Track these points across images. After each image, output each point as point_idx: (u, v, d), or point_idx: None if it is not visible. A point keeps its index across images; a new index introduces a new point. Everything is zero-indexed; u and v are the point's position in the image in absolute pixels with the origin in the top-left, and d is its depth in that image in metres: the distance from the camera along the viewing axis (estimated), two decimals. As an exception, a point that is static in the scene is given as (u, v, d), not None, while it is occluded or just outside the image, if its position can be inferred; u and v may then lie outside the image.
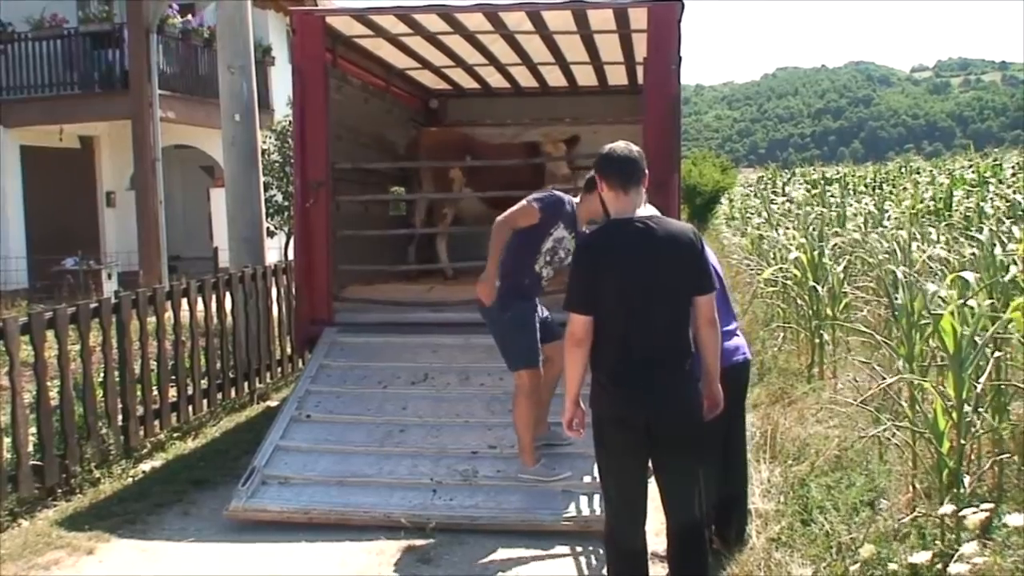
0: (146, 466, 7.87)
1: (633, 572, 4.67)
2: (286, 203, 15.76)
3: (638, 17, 8.56)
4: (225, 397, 9.45)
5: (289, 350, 10.89)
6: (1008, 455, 6.13)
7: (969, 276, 7.20)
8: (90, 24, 18.94)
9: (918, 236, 11.61)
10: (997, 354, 6.02)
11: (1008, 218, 16.89)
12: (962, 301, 5.96)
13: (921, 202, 20.30)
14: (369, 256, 9.82)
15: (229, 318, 9.63)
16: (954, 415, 5.73)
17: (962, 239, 12.31)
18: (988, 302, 6.11)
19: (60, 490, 7.08)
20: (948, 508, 4.74)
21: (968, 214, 18.43)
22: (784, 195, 22.78)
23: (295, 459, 6.96)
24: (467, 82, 12.31)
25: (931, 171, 28.70)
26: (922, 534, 5.54)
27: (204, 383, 9.11)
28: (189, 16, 19.50)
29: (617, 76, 11.86)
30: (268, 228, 14.09)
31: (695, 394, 4.56)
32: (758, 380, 9.97)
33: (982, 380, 5.82)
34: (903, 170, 30.02)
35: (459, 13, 8.65)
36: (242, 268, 10.10)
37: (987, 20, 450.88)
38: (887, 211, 18.15)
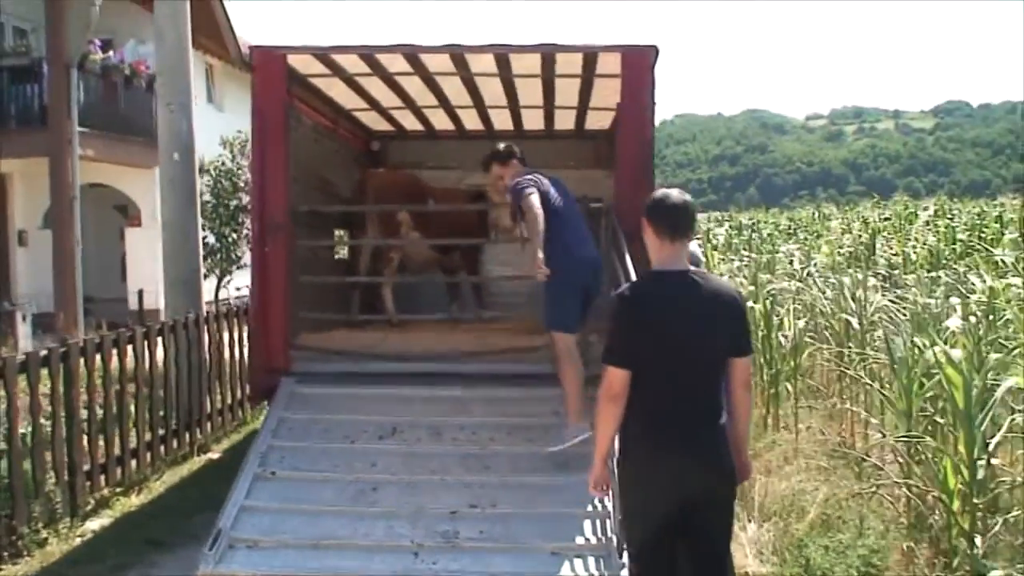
0: (93, 524, 7.44)
1: None
2: (218, 245, 15.31)
3: (608, 62, 8.40)
4: (168, 450, 8.98)
5: (230, 400, 10.47)
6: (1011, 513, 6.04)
7: (955, 323, 7.17)
8: (7, 58, 18.24)
9: (848, 283, 11.63)
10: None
11: (935, 266, 17.22)
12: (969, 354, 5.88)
13: (840, 248, 20.60)
14: (317, 302, 9.44)
15: (172, 366, 9.19)
16: (965, 472, 5.63)
17: (888, 285, 12.44)
18: (996, 356, 5.99)
19: (6, 553, 6.61)
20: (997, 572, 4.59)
21: (893, 260, 18.75)
22: (710, 241, 22.89)
23: (263, 520, 6.54)
24: (411, 123, 12.02)
25: (844, 218, 29.23)
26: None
27: (148, 435, 8.64)
28: (110, 52, 18.90)
29: (564, 121, 11.67)
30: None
31: (729, 455, 4.37)
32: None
33: (996, 437, 5.73)
34: (815, 216, 30.52)
35: (425, 54, 8.41)
36: (185, 314, 9.68)
37: (881, 70, 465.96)
38: (814, 258, 18.36)
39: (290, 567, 6.12)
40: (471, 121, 11.80)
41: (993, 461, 6.31)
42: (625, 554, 6.01)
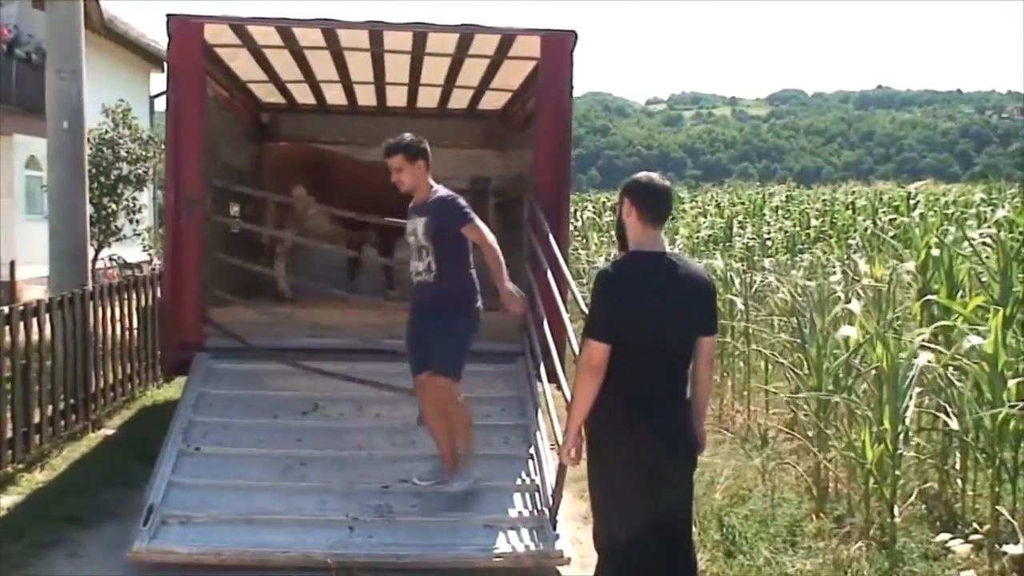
0: (4, 500, 7.22)
1: None
2: (96, 216, 14.80)
3: (525, 44, 8.53)
4: (67, 425, 8.77)
5: (120, 375, 10.23)
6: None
7: (855, 306, 7.57)
8: None
9: (721, 266, 12.10)
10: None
11: (791, 250, 17.89)
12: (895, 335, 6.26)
13: (698, 231, 21.19)
14: (218, 277, 9.30)
15: (70, 340, 8.94)
16: (889, 444, 6.00)
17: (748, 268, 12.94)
18: (922, 334, 6.39)
19: (-79, 531, 6.39)
20: (944, 536, 4.90)
21: (750, 243, 19.40)
22: (577, 220, 23.26)
23: (193, 496, 6.50)
24: (303, 96, 11.89)
25: (696, 201, 30.03)
26: (871, 562, 5.75)
27: (49, 410, 8.41)
28: (-31, 14, 18.04)
29: (459, 100, 11.72)
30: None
31: (694, 428, 4.61)
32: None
33: (909, 411, 6.12)
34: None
35: (343, 29, 8.38)
36: (81, 287, 9.42)
37: (718, 57, 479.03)
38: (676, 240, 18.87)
39: (225, 542, 6.12)
40: (365, 97, 11.75)
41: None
42: (559, 525, 6.27)
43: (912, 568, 5.65)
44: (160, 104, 25.07)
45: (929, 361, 6.26)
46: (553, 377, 7.36)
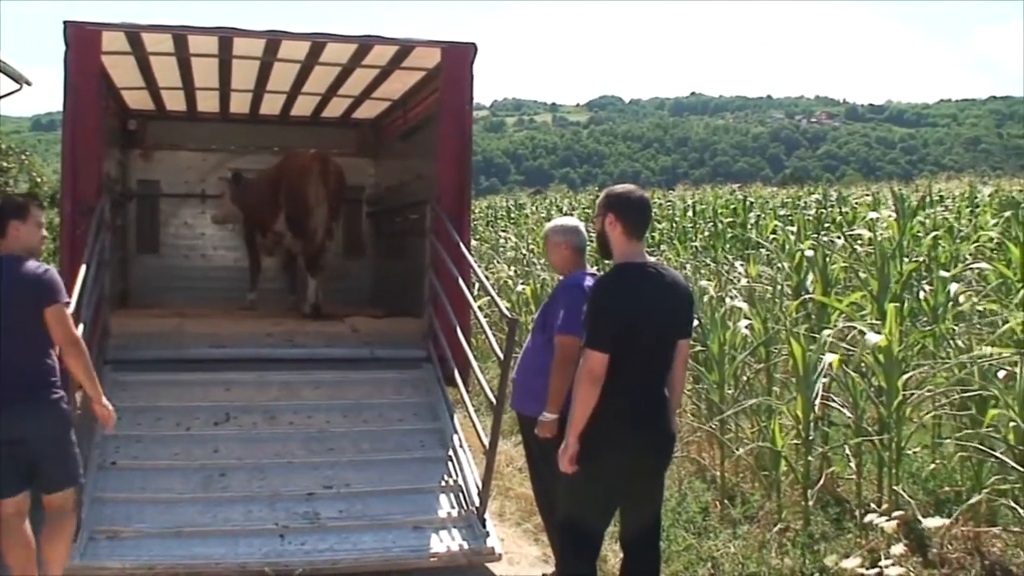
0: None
1: None
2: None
3: (421, 56, 8.64)
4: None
5: None
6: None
7: (742, 304, 7.99)
8: None
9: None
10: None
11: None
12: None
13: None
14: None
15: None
16: (801, 431, 6.42)
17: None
18: (829, 330, 6.80)
19: None
20: (878, 519, 5.23)
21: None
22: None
23: (117, 511, 6.37)
24: (172, 103, 11.63)
25: (535, 207, 30.55)
26: (793, 543, 6.12)
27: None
28: None
29: (335, 108, 11.67)
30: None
31: (673, 426, 4.92)
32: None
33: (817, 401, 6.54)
34: (510, 205, 31.69)
35: (241, 37, 8.31)
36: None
37: (539, 64, 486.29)
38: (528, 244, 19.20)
39: (157, 557, 6.04)
40: (239, 104, 11.58)
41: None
42: (489, 523, 6.46)
43: (834, 544, 6.05)
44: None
45: (838, 357, 6.67)
46: (468, 382, 7.58)
